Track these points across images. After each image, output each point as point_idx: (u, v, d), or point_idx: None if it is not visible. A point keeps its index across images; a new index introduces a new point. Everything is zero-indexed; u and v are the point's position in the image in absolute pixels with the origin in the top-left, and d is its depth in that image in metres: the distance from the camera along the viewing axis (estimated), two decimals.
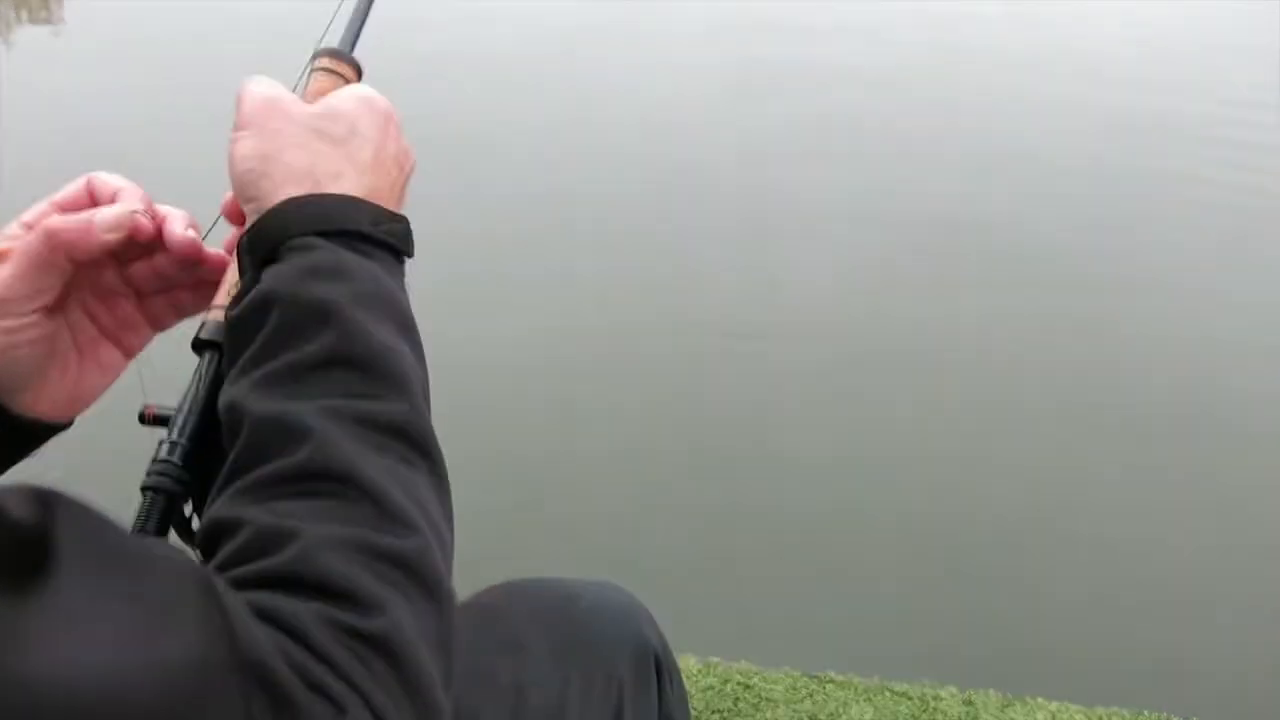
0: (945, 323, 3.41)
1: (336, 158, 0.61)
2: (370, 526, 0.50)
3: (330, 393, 0.54)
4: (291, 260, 0.57)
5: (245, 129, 0.62)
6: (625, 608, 0.92)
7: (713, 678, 1.93)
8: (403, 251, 0.62)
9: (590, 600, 0.91)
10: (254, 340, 0.56)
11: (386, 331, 0.57)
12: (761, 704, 1.88)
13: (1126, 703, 1.96)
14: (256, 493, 0.51)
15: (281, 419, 0.53)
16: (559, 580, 0.94)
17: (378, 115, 0.64)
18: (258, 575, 0.48)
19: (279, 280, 0.57)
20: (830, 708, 1.87)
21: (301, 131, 0.62)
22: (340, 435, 0.52)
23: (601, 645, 0.88)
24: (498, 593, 0.93)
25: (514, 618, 0.88)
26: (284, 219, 0.59)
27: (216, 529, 0.51)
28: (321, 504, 0.50)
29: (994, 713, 1.89)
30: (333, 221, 0.59)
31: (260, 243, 0.59)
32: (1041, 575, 2.43)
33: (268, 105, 0.63)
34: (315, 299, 0.56)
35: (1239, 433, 2.96)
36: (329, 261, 0.57)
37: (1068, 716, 1.90)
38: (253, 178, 0.61)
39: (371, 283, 0.58)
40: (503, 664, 0.84)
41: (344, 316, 0.55)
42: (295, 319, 0.55)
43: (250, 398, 0.54)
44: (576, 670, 0.85)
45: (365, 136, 0.63)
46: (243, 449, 0.53)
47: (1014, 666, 2.10)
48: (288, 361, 0.55)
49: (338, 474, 0.51)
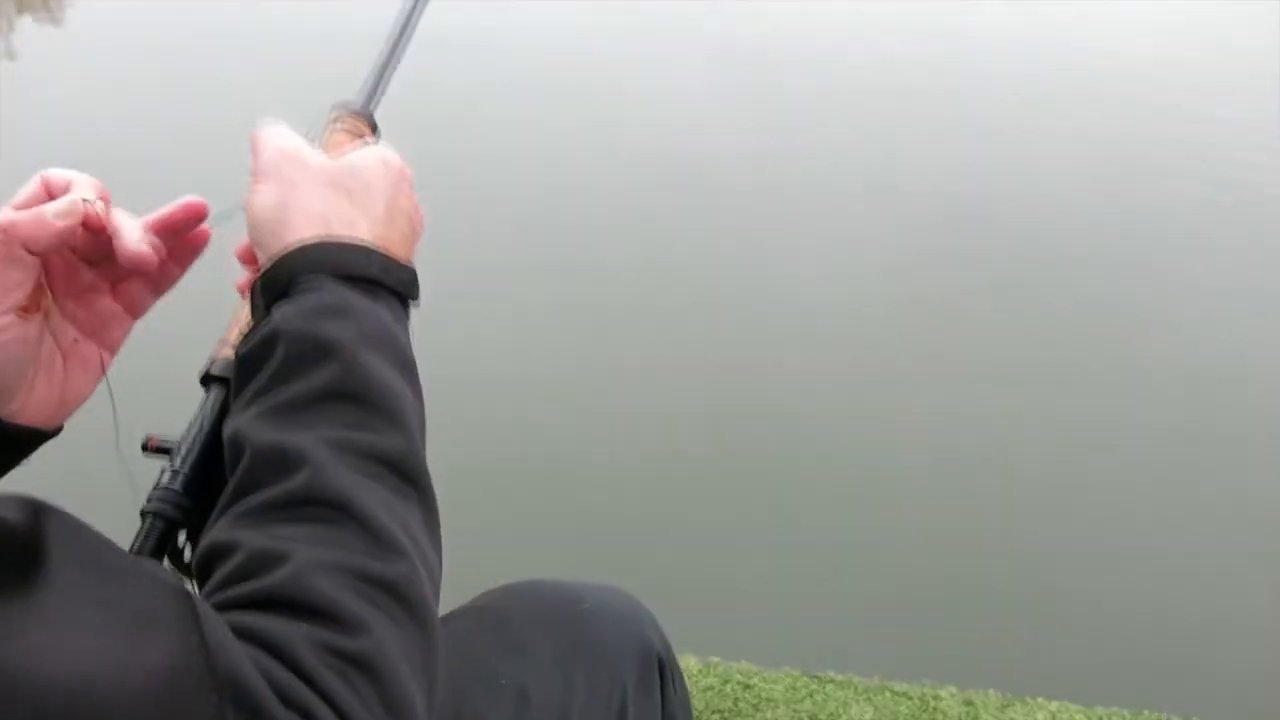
0: (946, 323, 3.41)
1: (351, 209, 0.64)
2: (361, 552, 0.52)
3: (330, 425, 0.56)
4: (301, 299, 0.60)
5: (264, 178, 0.65)
6: (629, 611, 0.92)
7: (713, 678, 1.93)
8: (409, 299, 0.65)
9: (594, 603, 0.91)
10: (260, 374, 0.58)
11: (388, 371, 0.59)
12: (761, 704, 1.88)
13: (1126, 703, 1.96)
14: (253, 517, 0.53)
15: (282, 447, 0.55)
16: (563, 583, 0.94)
17: (393, 173, 0.67)
18: (250, 596, 0.50)
19: (287, 317, 0.59)
20: (830, 708, 1.87)
21: (319, 182, 0.64)
22: (337, 465, 0.54)
23: (605, 648, 0.88)
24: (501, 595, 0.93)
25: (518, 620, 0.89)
26: (297, 261, 0.61)
27: (213, 551, 0.53)
28: (315, 529, 0.52)
29: (994, 713, 1.89)
30: (343, 265, 0.61)
31: (273, 284, 0.61)
32: (1041, 576, 2.44)
33: (287, 156, 0.65)
34: (321, 336, 0.58)
35: (1240, 434, 2.96)
36: (337, 302, 0.59)
37: (1068, 716, 1.91)
38: (270, 225, 0.63)
39: (376, 324, 0.60)
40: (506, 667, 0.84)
41: (348, 353, 0.58)
42: (301, 354, 0.58)
43: (253, 427, 0.56)
44: (580, 673, 0.85)
45: (380, 192, 0.66)
46: (243, 475, 0.55)
47: (1014, 666, 2.11)
48: (291, 394, 0.57)
49: (333, 501, 0.53)
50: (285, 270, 0.61)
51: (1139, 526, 2.61)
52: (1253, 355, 3.38)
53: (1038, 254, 3.86)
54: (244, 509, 0.54)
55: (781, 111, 4.97)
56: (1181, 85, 5.65)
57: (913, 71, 5.54)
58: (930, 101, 5.19)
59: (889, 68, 5.57)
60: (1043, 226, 4.07)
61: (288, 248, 0.62)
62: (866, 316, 3.43)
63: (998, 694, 1.94)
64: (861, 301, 3.50)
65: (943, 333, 3.36)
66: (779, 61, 5.54)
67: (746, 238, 3.88)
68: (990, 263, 3.78)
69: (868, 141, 4.75)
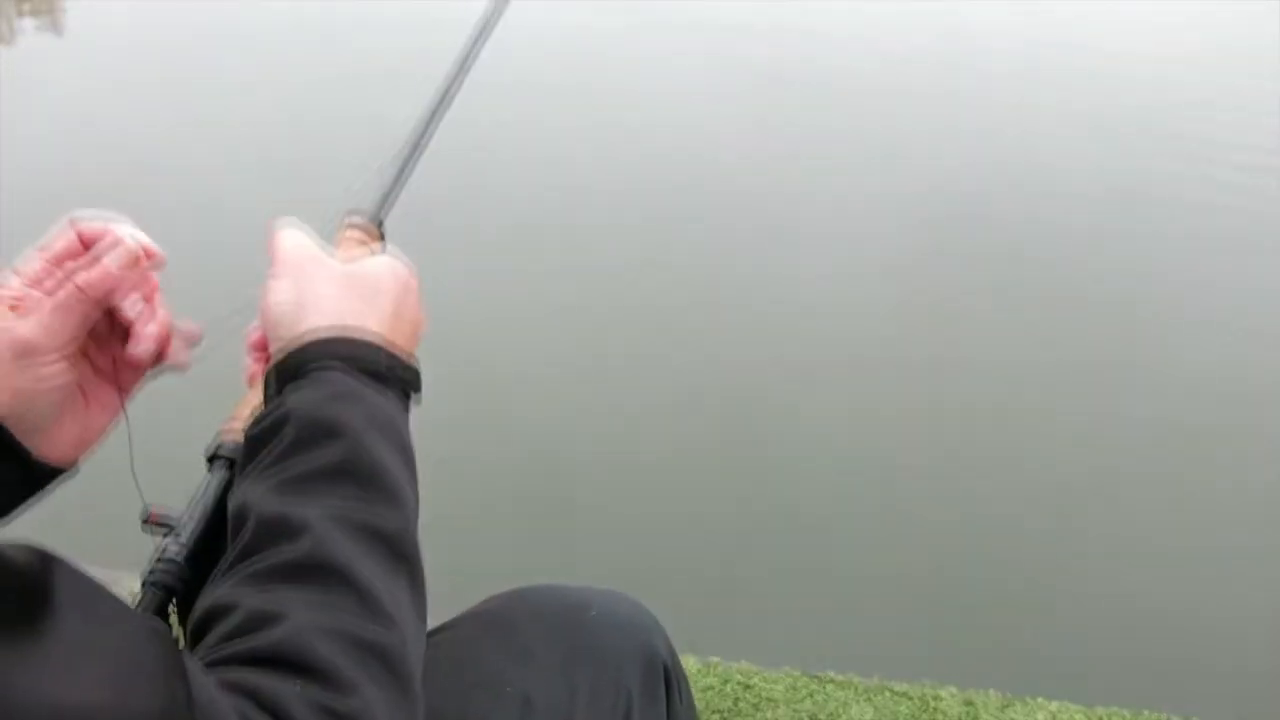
0: (945, 323, 3.41)
1: (362, 308, 0.69)
2: (355, 617, 0.55)
3: (333, 500, 0.59)
4: (313, 385, 0.64)
5: (283, 274, 0.69)
6: (634, 617, 0.92)
7: (713, 678, 1.93)
8: (411, 393, 0.69)
9: (600, 609, 0.90)
10: (270, 450, 0.62)
11: (389, 456, 0.63)
12: (761, 704, 1.88)
13: (1126, 703, 1.96)
14: (254, 580, 0.56)
15: (286, 517, 0.58)
16: (568, 588, 0.94)
17: (400, 281, 0.72)
18: (247, 653, 0.52)
19: (300, 400, 0.63)
20: (830, 708, 1.87)
21: (334, 282, 0.69)
22: (338, 536, 0.57)
23: (610, 655, 0.87)
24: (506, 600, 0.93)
25: (522, 626, 0.88)
26: (311, 350, 0.66)
27: (212, 610, 0.56)
28: (313, 594, 0.55)
29: (994, 713, 1.89)
30: (354, 357, 0.66)
31: (287, 370, 0.66)
32: (1041, 576, 2.44)
33: (305, 256, 0.70)
34: (330, 418, 0.62)
35: (1240, 436, 2.96)
36: (346, 388, 0.64)
37: (1068, 716, 1.90)
38: (287, 318, 0.67)
39: (381, 412, 0.65)
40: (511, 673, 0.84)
41: (354, 436, 0.62)
42: (310, 433, 0.62)
43: (260, 498, 0.60)
44: (584, 680, 0.85)
45: (388, 296, 0.70)
46: (247, 542, 0.58)
47: (1014, 666, 2.11)
48: (299, 469, 0.60)
49: (332, 569, 0.56)
50: (299, 358, 0.65)
51: (1139, 527, 2.62)
52: (1251, 355, 3.38)
53: (1037, 253, 3.86)
54: (246, 572, 0.57)
55: (783, 111, 4.97)
56: (1182, 84, 5.65)
57: (914, 72, 5.54)
58: (932, 101, 5.19)
59: (890, 68, 5.58)
60: (1044, 226, 4.08)
61: (303, 337, 0.66)
62: (866, 316, 3.43)
63: (998, 694, 1.94)
64: (861, 302, 3.50)
65: (941, 332, 3.36)
66: (781, 62, 5.54)
67: (748, 237, 3.88)
68: (990, 262, 3.79)
69: (869, 142, 4.76)
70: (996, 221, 4.07)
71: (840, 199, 4.16)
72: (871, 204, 4.12)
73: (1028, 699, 1.94)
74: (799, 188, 4.23)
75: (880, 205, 4.11)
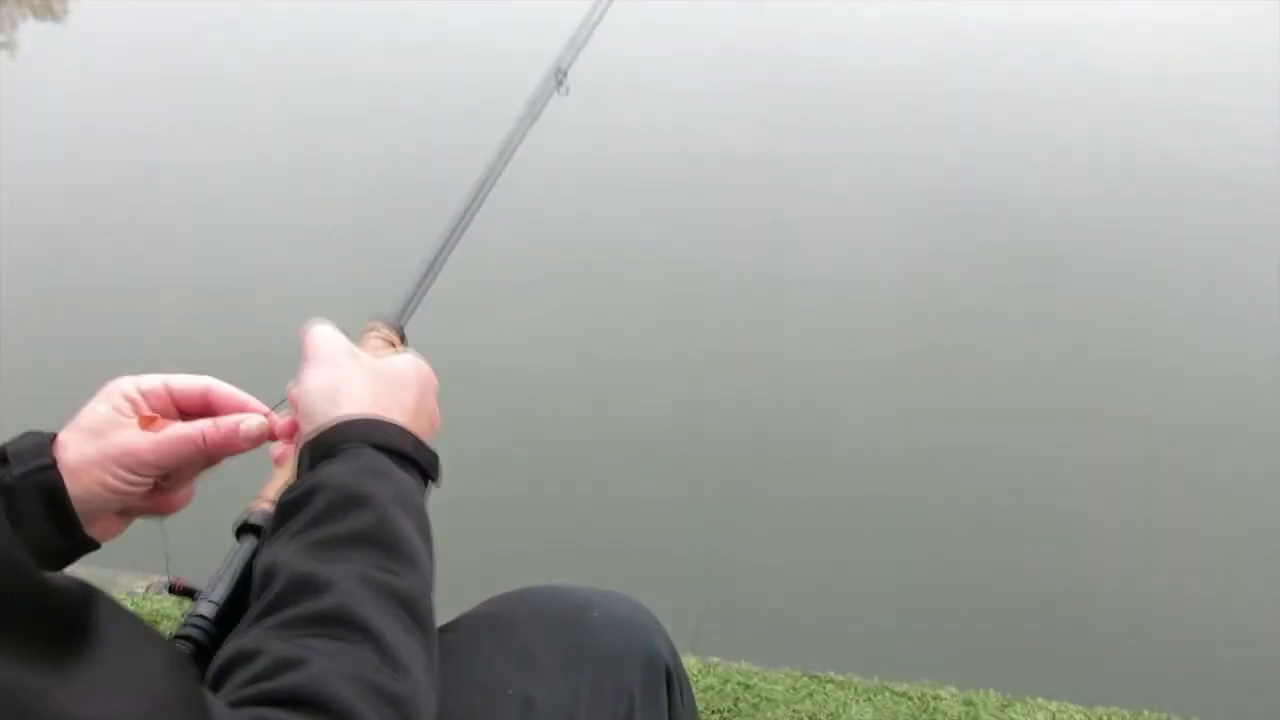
0: (944, 322, 3.41)
1: (389, 400, 0.76)
2: (374, 668, 0.59)
3: (359, 563, 0.64)
4: (345, 460, 0.70)
5: (318, 364, 0.76)
6: (636, 619, 0.92)
7: (713, 678, 1.93)
8: (431, 478, 0.76)
9: (601, 610, 0.90)
10: (301, 516, 0.67)
11: (412, 530, 0.68)
12: (761, 704, 1.88)
13: (1126, 703, 1.96)
14: (281, 630, 0.60)
15: (314, 575, 0.62)
16: (570, 588, 0.94)
17: (422, 378, 0.80)
18: (272, 693, 0.55)
19: (332, 473, 0.69)
20: (830, 708, 1.87)
21: (365, 373, 0.77)
22: (362, 594, 0.62)
23: (612, 657, 0.87)
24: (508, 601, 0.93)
25: (524, 628, 0.88)
26: (344, 431, 0.72)
27: (237, 656, 0.59)
28: (336, 644, 0.59)
29: (994, 713, 1.89)
30: (383, 439, 0.72)
31: (320, 447, 0.71)
32: (1042, 576, 2.44)
33: (338, 350, 0.78)
34: (360, 490, 0.68)
35: (1241, 437, 2.96)
36: (375, 465, 0.70)
37: (1068, 716, 1.90)
38: (322, 401, 0.74)
39: (406, 490, 0.71)
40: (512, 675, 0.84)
41: (381, 508, 0.67)
42: (341, 502, 0.67)
43: (289, 558, 0.64)
44: (586, 682, 0.85)
45: (411, 391, 0.78)
46: (275, 596, 0.62)
47: (1014, 666, 2.11)
48: (328, 533, 0.65)
49: (354, 623, 0.60)
50: (332, 437, 0.71)
51: (1140, 529, 2.61)
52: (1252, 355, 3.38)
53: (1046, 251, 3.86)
54: (272, 623, 0.61)
55: (793, 111, 4.97)
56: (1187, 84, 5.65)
57: (924, 71, 5.54)
58: (941, 100, 5.19)
59: (899, 69, 5.57)
60: (1053, 223, 4.07)
61: (336, 419, 0.72)
62: (865, 315, 3.43)
63: (998, 694, 1.94)
64: (863, 302, 3.50)
65: (940, 331, 3.36)
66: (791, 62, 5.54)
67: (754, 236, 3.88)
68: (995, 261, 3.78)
69: (880, 141, 4.76)
70: (1004, 219, 4.06)
71: (853, 198, 4.16)
72: (884, 203, 4.12)
73: (1028, 699, 1.93)
74: (806, 186, 4.23)
75: (892, 204, 4.11)
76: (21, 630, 0.40)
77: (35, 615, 0.41)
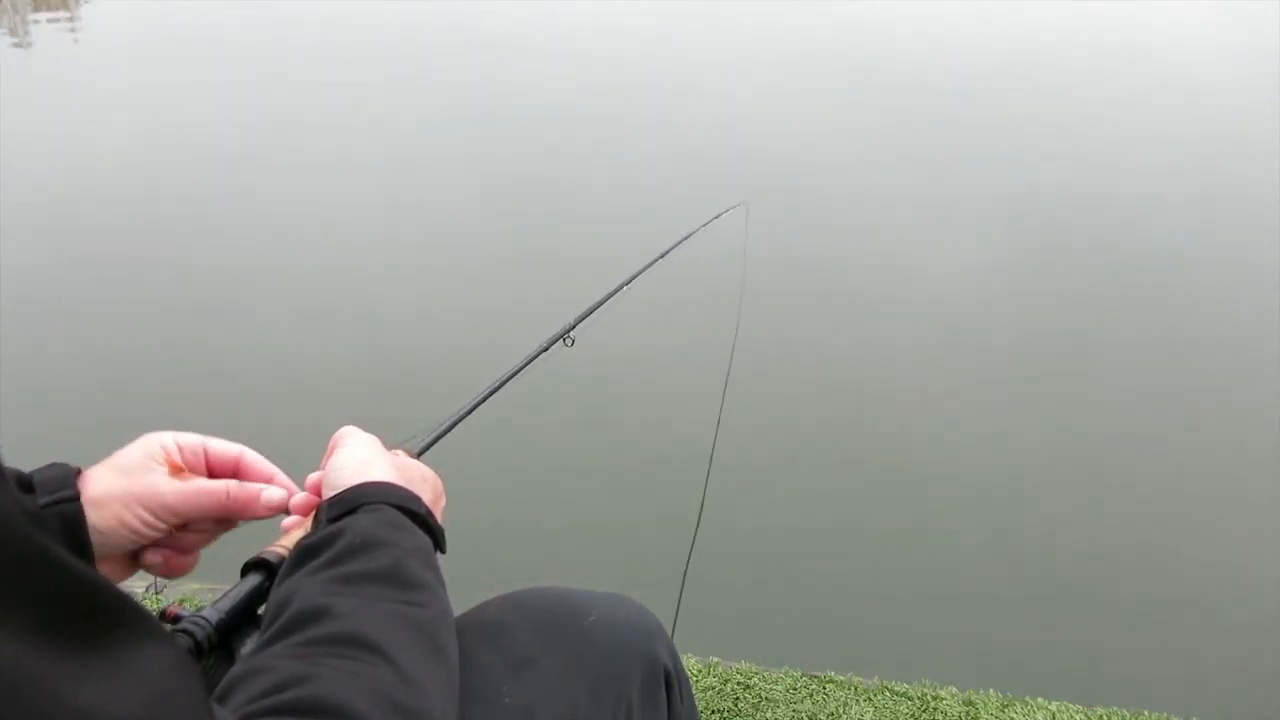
0: (949, 325, 3.41)
1: (408, 485, 0.80)
2: (390, 685, 0.59)
3: (377, 596, 0.66)
4: (367, 513, 0.74)
5: (349, 447, 0.82)
6: (636, 622, 0.92)
7: (713, 678, 1.93)
8: (440, 548, 0.79)
9: (599, 614, 0.90)
10: (321, 556, 0.70)
11: (427, 577, 0.71)
12: (761, 704, 1.88)
13: (1126, 703, 1.96)
14: (291, 649, 0.61)
15: (329, 605, 0.64)
16: (568, 591, 0.93)
17: (437, 486, 0.87)
18: (283, 705, 0.55)
19: (353, 521, 0.73)
20: (830, 708, 1.87)
21: (391, 461, 0.82)
22: (378, 620, 0.64)
23: (611, 662, 0.87)
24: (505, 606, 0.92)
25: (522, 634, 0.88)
26: (367, 491, 0.76)
27: (243, 674, 0.59)
28: (350, 663, 0.60)
29: (994, 713, 1.89)
30: (403, 501, 0.77)
31: (341, 503, 0.75)
32: (1041, 577, 2.44)
33: (369, 440, 0.84)
34: (380, 536, 0.72)
35: (1242, 439, 2.96)
36: (396, 519, 0.74)
37: (1068, 716, 1.90)
38: (348, 473, 0.78)
39: (423, 546, 0.75)
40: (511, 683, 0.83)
41: (399, 554, 0.70)
42: (362, 544, 0.70)
43: (307, 588, 0.66)
44: (585, 688, 0.85)
45: (426, 490, 0.83)
46: (288, 620, 0.64)
47: (1014, 666, 2.10)
48: (347, 570, 0.68)
49: (368, 644, 0.61)
50: (355, 495, 0.76)
51: (1139, 528, 2.61)
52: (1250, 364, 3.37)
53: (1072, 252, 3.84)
54: (284, 646, 0.61)
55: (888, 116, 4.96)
56: None
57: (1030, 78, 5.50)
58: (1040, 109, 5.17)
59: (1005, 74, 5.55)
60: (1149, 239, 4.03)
61: (360, 481, 0.77)
62: (863, 315, 3.43)
63: (998, 694, 1.94)
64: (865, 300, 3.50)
65: (940, 330, 3.35)
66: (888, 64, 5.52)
67: None
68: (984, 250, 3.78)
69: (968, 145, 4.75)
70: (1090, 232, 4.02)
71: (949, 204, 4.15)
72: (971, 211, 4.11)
73: (1028, 699, 1.93)
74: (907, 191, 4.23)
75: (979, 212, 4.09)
76: (34, 610, 0.40)
77: (51, 599, 0.41)
